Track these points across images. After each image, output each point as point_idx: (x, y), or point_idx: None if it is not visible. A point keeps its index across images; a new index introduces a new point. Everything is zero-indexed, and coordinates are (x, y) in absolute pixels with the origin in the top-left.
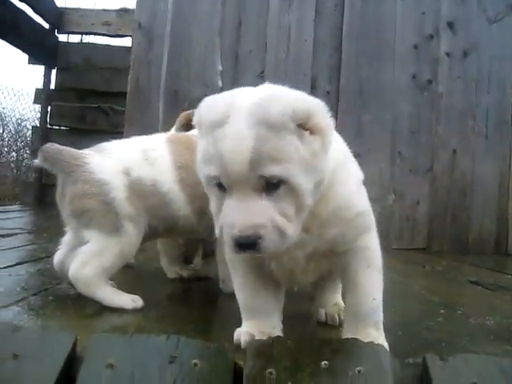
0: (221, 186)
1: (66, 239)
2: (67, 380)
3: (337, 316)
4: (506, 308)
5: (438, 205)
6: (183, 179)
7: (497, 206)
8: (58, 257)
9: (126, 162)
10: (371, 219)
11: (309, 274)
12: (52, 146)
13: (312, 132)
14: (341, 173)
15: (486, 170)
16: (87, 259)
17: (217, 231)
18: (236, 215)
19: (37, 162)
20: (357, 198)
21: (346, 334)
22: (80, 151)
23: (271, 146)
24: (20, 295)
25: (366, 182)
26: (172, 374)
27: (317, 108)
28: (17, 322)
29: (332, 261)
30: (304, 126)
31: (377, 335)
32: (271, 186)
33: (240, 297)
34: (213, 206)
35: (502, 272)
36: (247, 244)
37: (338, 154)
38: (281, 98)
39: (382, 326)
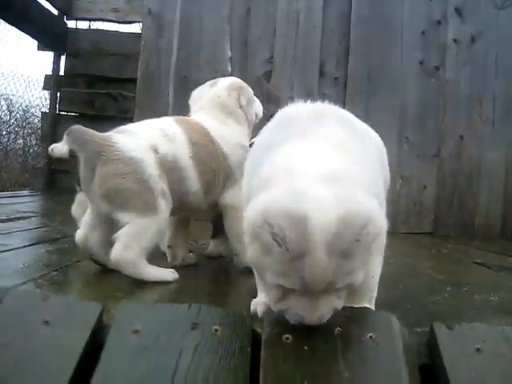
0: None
1: (87, 219)
2: (95, 346)
3: None
4: (510, 286)
5: (445, 190)
6: (196, 155)
7: (503, 191)
8: (80, 236)
9: (152, 139)
10: (377, 204)
11: None
12: (79, 128)
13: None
14: None
15: (492, 155)
16: (128, 242)
17: (275, 309)
18: (305, 311)
19: (63, 144)
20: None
21: None
22: (103, 133)
23: (347, 269)
24: (42, 271)
25: None
26: (194, 339)
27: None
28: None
29: None
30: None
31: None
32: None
33: None
34: (273, 295)
35: (508, 255)
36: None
37: None
38: (355, 221)
39: (374, 302)
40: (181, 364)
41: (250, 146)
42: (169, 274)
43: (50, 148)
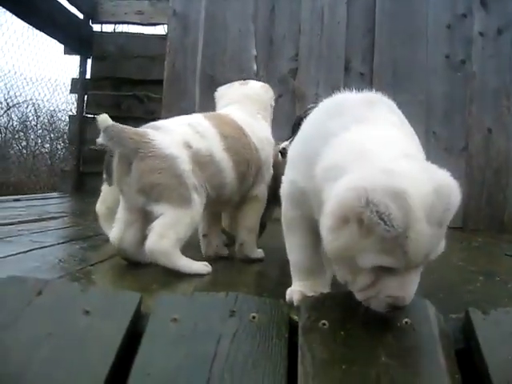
0: (383, 268)
1: (121, 217)
2: (134, 335)
3: None
4: None
5: (474, 184)
6: (230, 148)
7: None
8: (115, 234)
9: (184, 136)
10: None
11: None
12: (115, 125)
13: None
14: None
15: None
16: (163, 232)
17: (361, 297)
18: (398, 291)
19: (101, 140)
20: None
21: None
22: (137, 128)
23: (439, 237)
24: (79, 265)
25: None
26: (232, 326)
27: None
28: None
29: None
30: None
31: None
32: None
33: (295, 257)
34: (363, 278)
35: None
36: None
37: None
38: (445, 191)
39: None
40: (220, 350)
41: (282, 153)
42: (202, 267)
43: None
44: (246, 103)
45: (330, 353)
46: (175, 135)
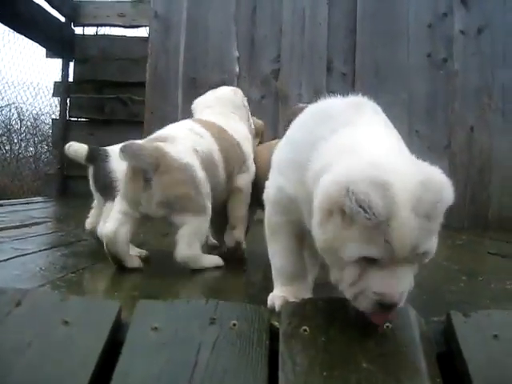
0: (368, 261)
1: (115, 216)
2: (114, 344)
3: None
4: None
5: (457, 182)
6: (222, 148)
7: None
8: (108, 231)
9: (191, 141)
10: None
11: None
12: (132, 144)
13: None
14: None
15: (503, 146)
16: (190, 241)
17: (348, 294)
18: (385, 287)
19: (123, 160)
20: None
21: None
22: (150, 144)
23: (429, 231)
24: (60, 273)
25: None
26: (213, 334)
27: None
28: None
29: None
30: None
31: None
32: (418, 256)
33: (278, 262)
34: (348, 272)
35: None
36: (389, 307)
37: None
38: (435, 185)
39: None
40: (200, 358)
41: None
42: (219, 260)
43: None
44: (220, 106)
45: (311, 359)
46: (184, 142)
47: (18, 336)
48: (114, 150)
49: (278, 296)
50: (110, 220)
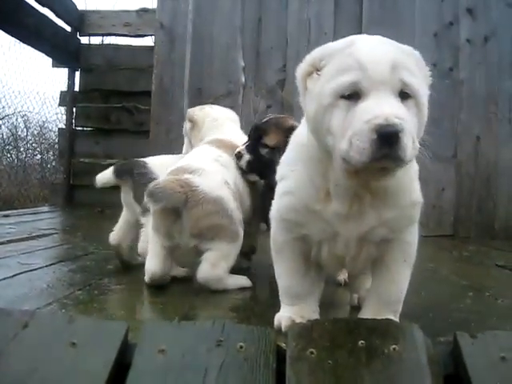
0: (352, 97)
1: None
2: (121, 366)
3: None
4: None
5: (464, 191)
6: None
7: None
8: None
9: (220, 174)
10: (419, 213)
11: (358, 262)
12: (156, 189)
13: None
14: None
15: (510, 155)
16: (215, 262)
17: (344, 146)
18: (379, 109)
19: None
20: (415, 186)
21: (365, 314)
22: (177, 178)
23: (407, 62)
24: (67, 290)
25: None
26: (219, 357)
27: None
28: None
29: (379, 249)
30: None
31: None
32: (403, 96)
33: (284, 282)
34: (337, 122)
35: None
36: (391, 135)
37: None
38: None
39: (398, 316)
40: (207, 382)
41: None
42: (246, 281)
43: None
44: (230, 124)
45: (318, 382)
46: (214, 176)
47: (25, 360)
48: (150, 160)
49: (284, 316)
50: (151, 257)
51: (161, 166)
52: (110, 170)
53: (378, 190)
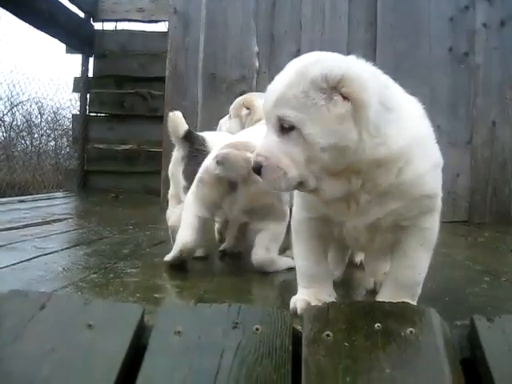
0: None
1: (191, 222)
2: (137, 348)
3: None
4: None
5: (479, 177)
6: None
7: None
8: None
9: None
10: (438, 203)
11: (373, 246)
12: (228, 156)
13: (344, 98)
14: (416, 150)
15: None
16: (268, 245)
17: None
18: (258, 146)
19: (218, 171)
20: (428, 179)
21: (382, 297)
22: (243, 153)
23: (294, 94)
24: (83, 273)
25: None
26: (236, 339)
27: (355, 78)
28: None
29: (396, 234)
30: (336, 89)
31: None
32: (284, 129)
33: (302, 264)
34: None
35: None
36: (254, 168)
37: (416, 132)
38: (324, 60)
39: (416, 299)
40: (223, 364)
41: None
42: (292, 262)
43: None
44: None
45: (334, 365)
46: None
47: (42, 341)
48: (208, 136)
49: (300, 299)
50: (185, 227)
51: (217, 143)
52: (185, 127)
53: (373, 189)
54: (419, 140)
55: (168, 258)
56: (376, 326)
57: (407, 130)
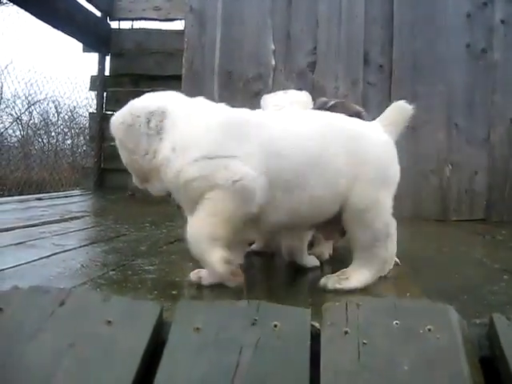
0: None
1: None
2: (156, 345)
3: None
4: None
5: (497, 175)
6: None
7: None
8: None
9: None
10: None
11: None
12: None
13: None
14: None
15: None
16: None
17: None
18: None
19: None
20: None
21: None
22: None
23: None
24: (100, 271)
25: (422, 154)
26: (254, 336)
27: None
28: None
29: None
30: None
31: None
32: None
33: None
34: None
35: None
36: None
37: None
38: None
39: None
40: (242, 360)
41: None
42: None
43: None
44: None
45: (352, 362)
46: None
47: (62, 337)
48: None
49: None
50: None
51: None
52: None
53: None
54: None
55: None
56: (394, 323)
57: None
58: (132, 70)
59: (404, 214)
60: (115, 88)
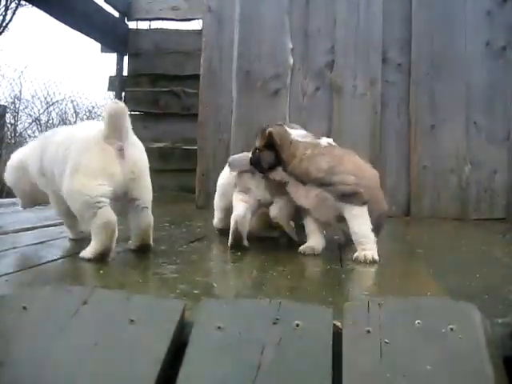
0: None
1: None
2: (179, 344)
3: None
4: None
5: None
6: None
7: None
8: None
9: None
10: None
11: None
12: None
13: None
14: None
15: None
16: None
17: None
18: None
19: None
20: None
21: None
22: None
23: None
24: (122, 269)
25: (441, 154)
26: (276, 335)
27: None
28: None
29: None
30: None
31: None
32: None
33: None
34: None
35: None
36: None
37: None
38: None
39: None
40: (264, 360)
41: None
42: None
43: None
44: None
45: (375, 361)
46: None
47: (86, 336)
48: None
49: None
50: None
51: None
52: None
53: None
54: None
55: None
56: (417, 322)
57: None
58: (150, 70)
59: (423, 213)
60: (133, 88)
